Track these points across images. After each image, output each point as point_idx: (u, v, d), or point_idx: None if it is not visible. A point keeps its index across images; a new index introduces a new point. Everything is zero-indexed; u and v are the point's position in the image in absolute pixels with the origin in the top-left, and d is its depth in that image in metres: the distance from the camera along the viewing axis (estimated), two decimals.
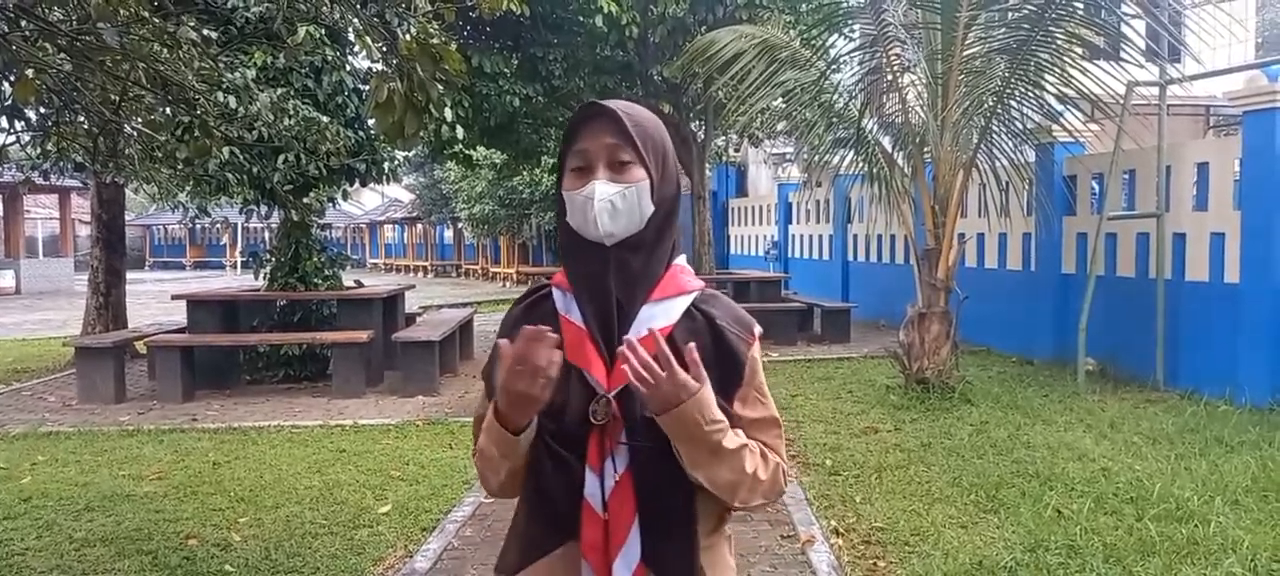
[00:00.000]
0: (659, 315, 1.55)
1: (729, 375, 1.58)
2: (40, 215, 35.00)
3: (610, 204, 1.52)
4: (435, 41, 2.71)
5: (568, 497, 1.53)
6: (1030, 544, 4.44)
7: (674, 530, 1.54)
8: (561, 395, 1.52)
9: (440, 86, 2.77)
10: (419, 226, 39.76)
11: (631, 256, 1.56)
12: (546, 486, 1.55)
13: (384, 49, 2.80)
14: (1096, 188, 9.47)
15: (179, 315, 10.79)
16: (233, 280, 29.05)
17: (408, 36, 2.78)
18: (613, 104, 1.57)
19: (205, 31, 4.41)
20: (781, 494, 1.64)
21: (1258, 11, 19.91)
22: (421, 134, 3.38)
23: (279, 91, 5.65)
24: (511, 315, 1.67)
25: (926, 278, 8.14)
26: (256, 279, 10.32)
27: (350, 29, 3.84)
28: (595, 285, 1.56)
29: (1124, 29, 7.61)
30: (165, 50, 3.40)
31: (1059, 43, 7.62)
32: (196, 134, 4.36)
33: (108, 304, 11.26)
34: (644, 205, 1.56)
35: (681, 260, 1.64)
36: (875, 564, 4.42)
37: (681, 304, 1.58)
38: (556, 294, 1.62)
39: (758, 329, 1.64)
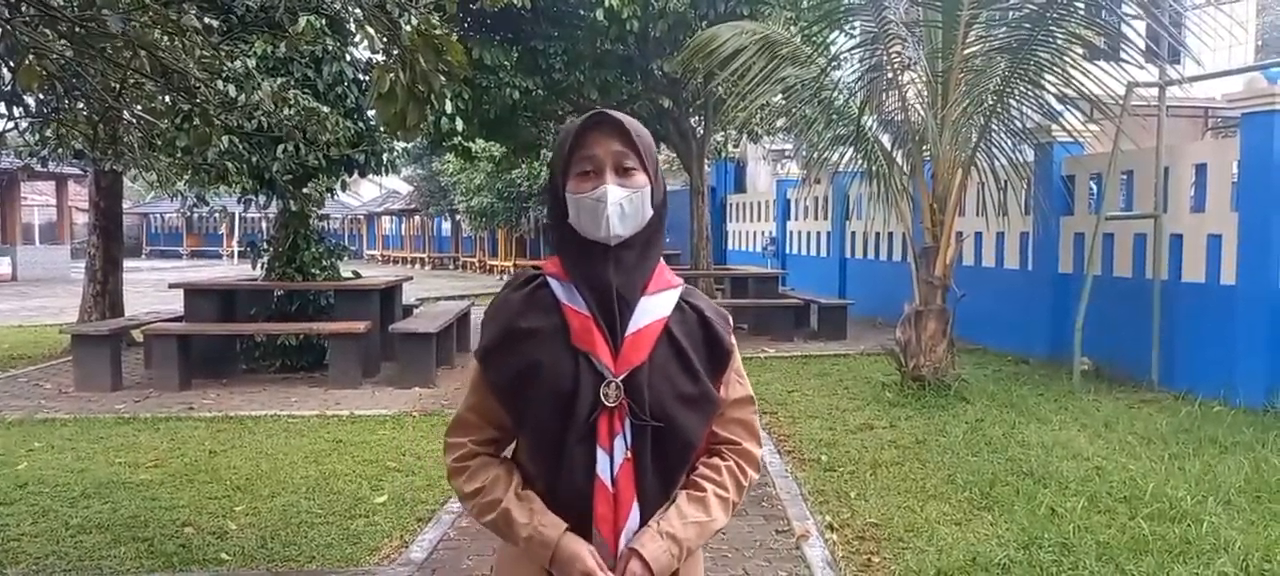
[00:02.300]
0: (655, 307, 1.71)
1: (717, 361, 1.76)
2: (37, 202, 34.89)
3: (620, 206, 1.66)
4: (438, 32, 2.71)
5: (582, 477, 1.65)
6: (1024, 541, 4.46)
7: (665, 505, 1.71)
8: (572, 379, 1.64)
9: (443, 78, 2.78)
10: (417, 218, 39.71)
11: (628, 253, 1.69)
12: (565, 470, 1.66)
13: (386, 39, 2.80)
14: (1094, 188, 9.49)
15: (176, 304, 10.80)
16: (230, 270, 29.03)
17: (409, 27, 2.79)
18: (617, 115, 1.70)
19: (206, 19, 4.41)
20: (757, 473, 1.85)
21: (1258, 14, 19.93)
22: (422, 125, 3.38)
23: (279, 81, 5.64)
24: (511, 301, 1.73)
25: (924, 275, 8.15)
26: (254, 269, 10.32)
27: (351, 19, 3.84)
28: (597, 279, 1.68)
29: (1124, 29, 7.62)
30: (167, 38, 3.40)
31: (1059, 42, 7.62)
32: (196, 123, 4.36)
33: (105, 292, 11.25)
34: (646, 208, 1.70)
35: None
36: (869, 559, 4.43)
37: (672, 297, 1.74)
38: (554, 284, 1.71)
39: (731, 319, 1.84)
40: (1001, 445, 6.25)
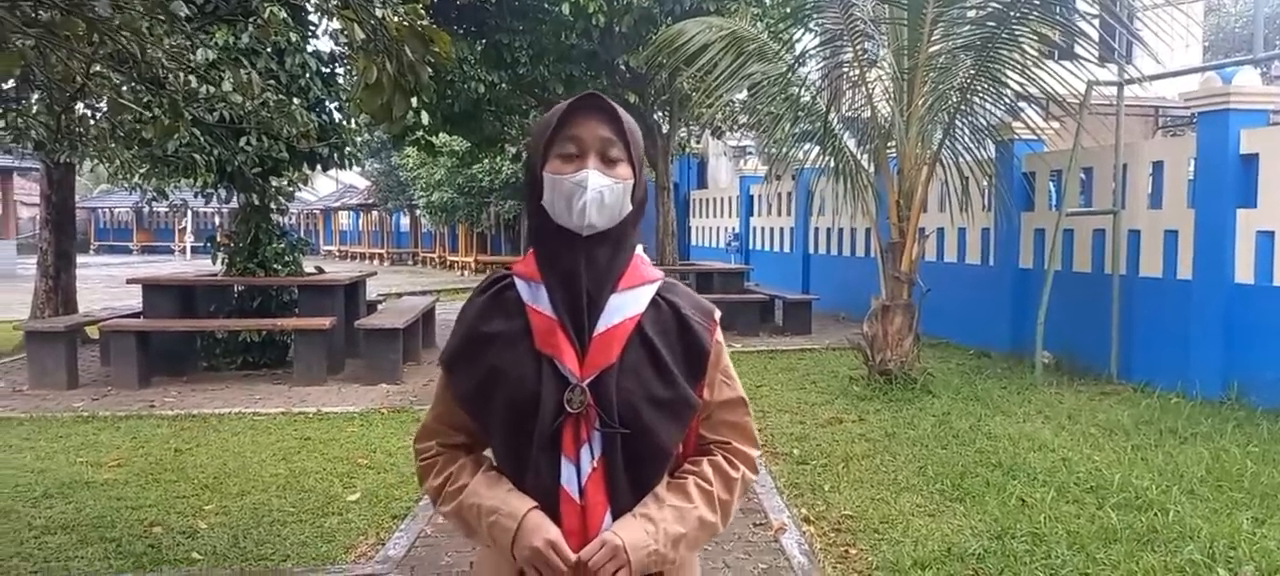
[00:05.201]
0: (627, 304, 1.61)
1: (695, 362, 1.65)
2: None
3: (600, 195, 1.56)
4: (425, 22, 2.68)
5: (546, 488, 1.56)
6: (996, 532, 4.53)
7: None
8: (534, 385, 1.55)
9: (429, 69, 2.75)
10: (375, 213, 39.22)
11: (601, 249, 1.59)
12: (530, 482, 1.58)
13: (370, 30, 2.75)
14: (1054, 185, 9.66)
15: (130, 299, 10.57)
16: (183, 265, 28.48)
17: (396, 17, 2.75)
18: (608, 100, 1.61)
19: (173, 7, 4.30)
20: (755, 474, 1.75)
21: (1205, 16, 20.45)
22: (403, 118, 3.34)
23: (245, 72, 5.52)
24: (475, 303, 1.68)
25: (890, 271, 8.24)
26: (214, 264, 10.13)
27: (317, 10, 3.75)
28: (566, 275, 1.58)
29: (1083, 27, 7.77)
30: (151, 24, 3.31)
31: (1021, 41, 7.75)
32: (156, 114, 4.26)
33: (57, 287, 10.97)
34: (625, 203, 1.61)
35: (639, 250, 1.69)
36: (846, 551, 4.47)
37: (647, 293, 1.64)
38: (520, 284, 1.63)
39: (717, 314, 1.72)
40: (969, 437, 6.34)
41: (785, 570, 4.26)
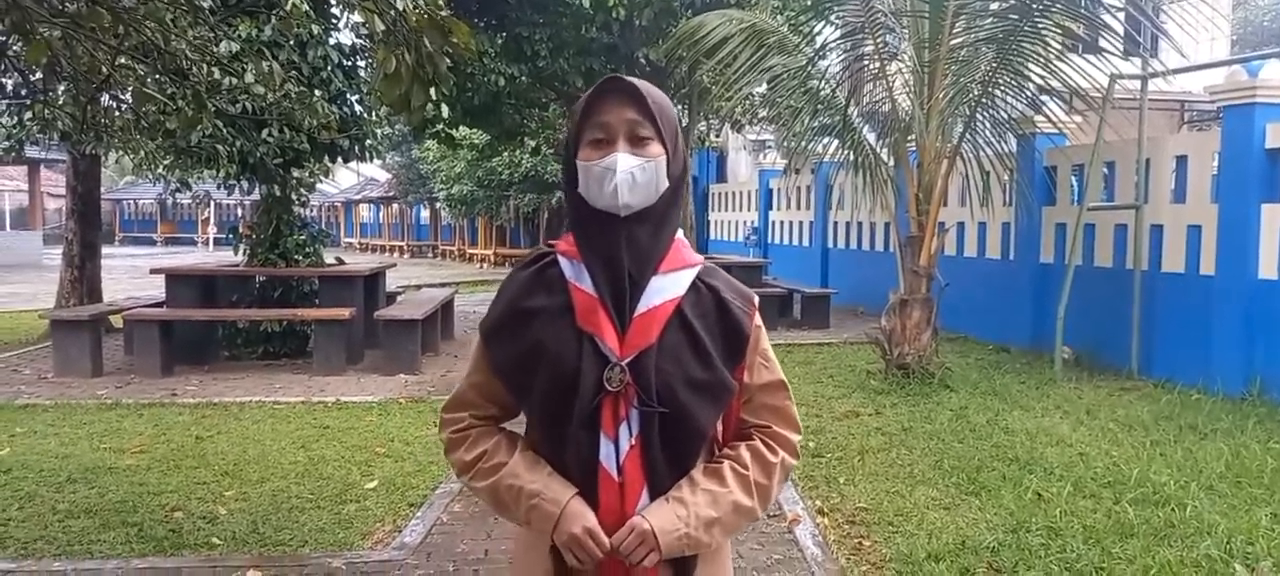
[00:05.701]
0: (668, 287, 1.62)
1: (734, 346, 1.66)
2: (8, 187, 34.39)
3: (631, 176, 1.57)
4: (445, 14, 2.70)
5: (584, 465, 1.58)
6: (1012, 525, 4.52)
7: None
8: (575, 362, 1.57)
9: (448, 60, 2.77)
10: (395, 206, 39.46)
11: (641, 229, 1.60)
12: (568, 457, 1.60)
13: (389, 20, 2.78)
14: (1076, 179, 9.58)
15: (153, 290, 10.70)
16: (206, 256, 28.74)
17: (415, 8, 2.77)
18: (632, 81, 1.61)
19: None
20: (797, 460, 1.75)
21: (1232, 9, 20.20)
22: (424, 108, 3.36)
23: (266, 65, 5.59)
24: (517, 277, 1.69)
25: (909, 265, 8.21)
26: (236, 255, 10.23)
27: (338, 2, 3.80)
28: (608, 256, 1.60)
29: (1107, 20, 7.70)
30: (173, 15, 3.36)
31: (1045, 34, 7.69)
32: (180, 106, 4.32)
33: (83, 277, 11.11)
34: (660, 180, 1.61)
35: (680, 234, 1.70)
36: (860, 543, 4.48)
37: (687, 276, 1.65)
38: (564, 262, 1.65)
39: (757, 299, 1.73)
40: (986, 432, 6.32)
41: (799, 561, 4.27)
